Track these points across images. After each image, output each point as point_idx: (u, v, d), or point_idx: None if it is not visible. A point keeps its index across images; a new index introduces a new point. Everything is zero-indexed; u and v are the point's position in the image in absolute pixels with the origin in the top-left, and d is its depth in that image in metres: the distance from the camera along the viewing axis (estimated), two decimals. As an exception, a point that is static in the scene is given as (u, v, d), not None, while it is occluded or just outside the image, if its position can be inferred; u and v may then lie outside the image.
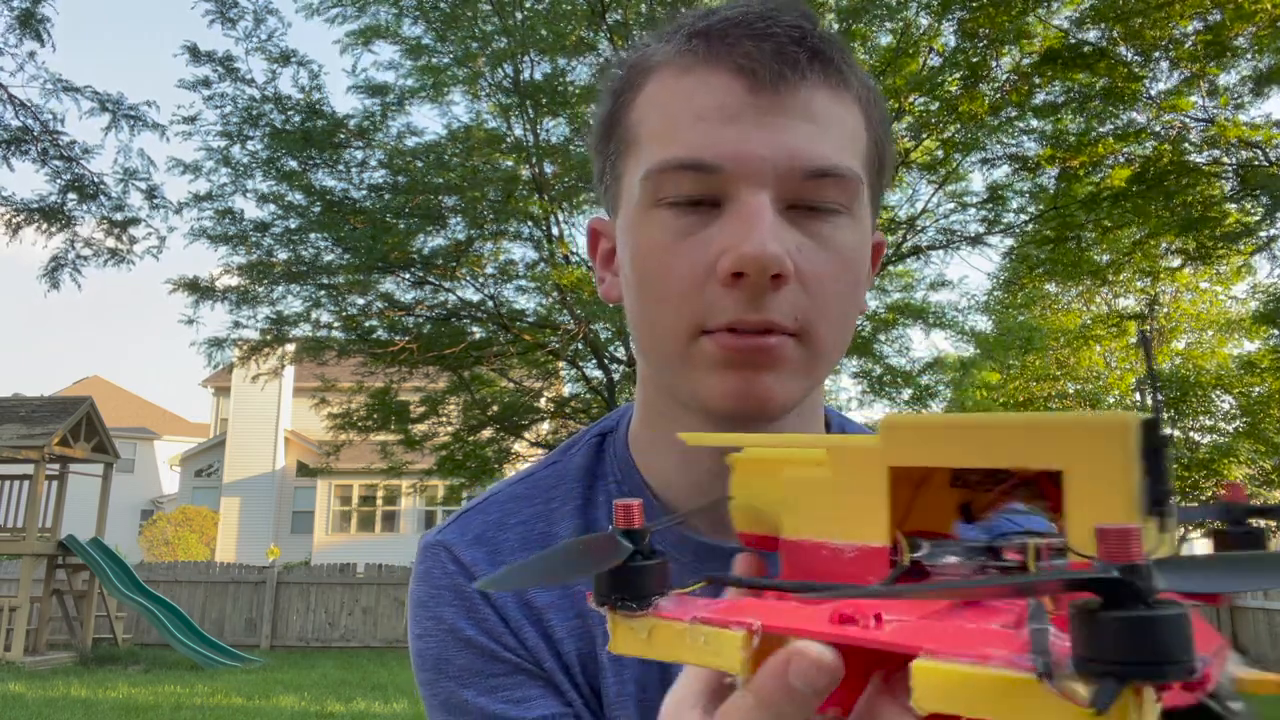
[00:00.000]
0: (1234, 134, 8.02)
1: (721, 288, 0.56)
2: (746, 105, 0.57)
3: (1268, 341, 14.87)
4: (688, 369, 0.59)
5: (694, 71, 0.59)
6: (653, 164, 0.59)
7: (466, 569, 0.68)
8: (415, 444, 10.43)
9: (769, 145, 0.56)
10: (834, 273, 0.58)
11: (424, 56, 9.06)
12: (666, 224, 0.59)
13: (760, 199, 0.56)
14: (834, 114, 0.59)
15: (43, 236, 8.03)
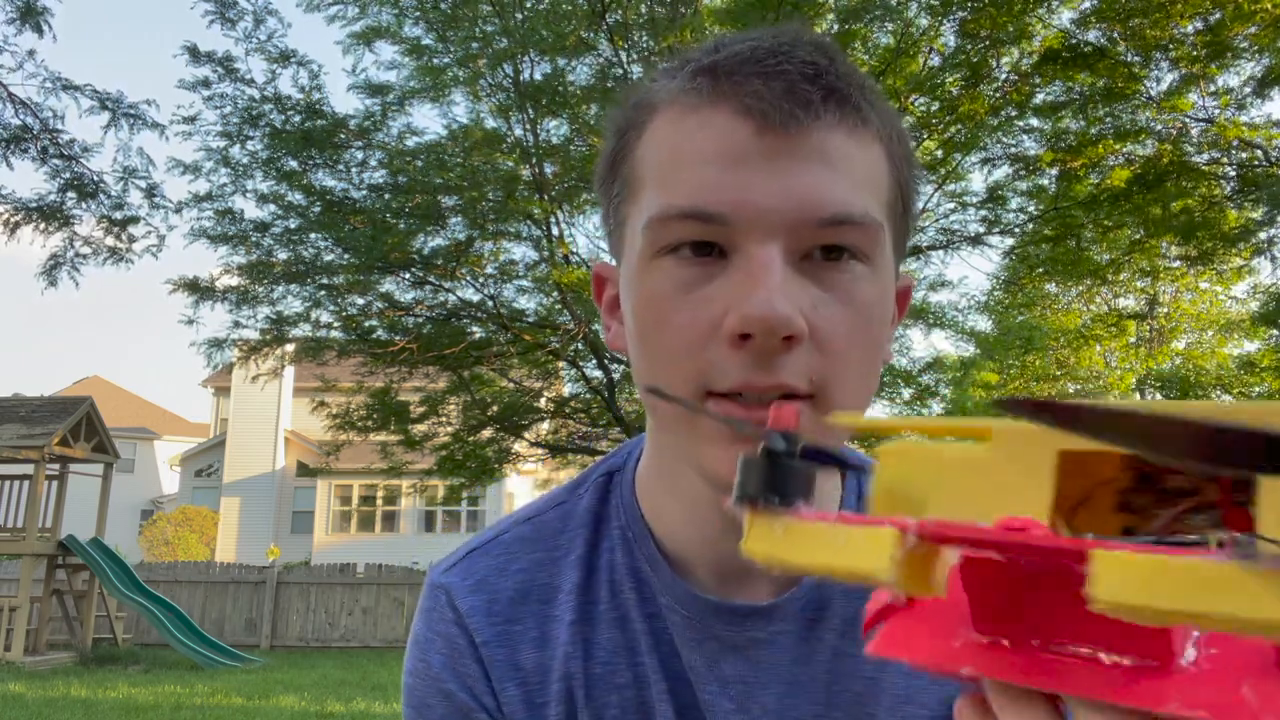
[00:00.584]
0: (1234, 134, 8.02)
1: (728, 348, 0.52)
2: (753, 149, 0.53)
3: (1268, 342, 14.88)
4: (692, 435, 0.55)
5: (699, 112, 0.55)
6: (654, 212, 0.55)
7: (461, 617, 0.68)
8: (415, 444, 10.42)
9: (778, 193, 0.52)
10: (852, 329, 0.54)
11: (424, 57, 9.07)
12: (669, 276, 0.55)
13: (769, 251, 0.52)
14: (851, 155, 0.54)
15: (41, 236, 8.02)
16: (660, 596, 0.64)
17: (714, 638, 0.63)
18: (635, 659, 0.64)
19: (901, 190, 0.59)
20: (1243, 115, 8.22)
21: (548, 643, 0.66)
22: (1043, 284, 12.79)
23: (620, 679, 0.64)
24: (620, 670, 0.64)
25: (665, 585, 0.64)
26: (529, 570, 0.69)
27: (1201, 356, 16.96)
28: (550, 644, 0.66)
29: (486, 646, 0.66)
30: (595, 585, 0.67)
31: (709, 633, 0.63)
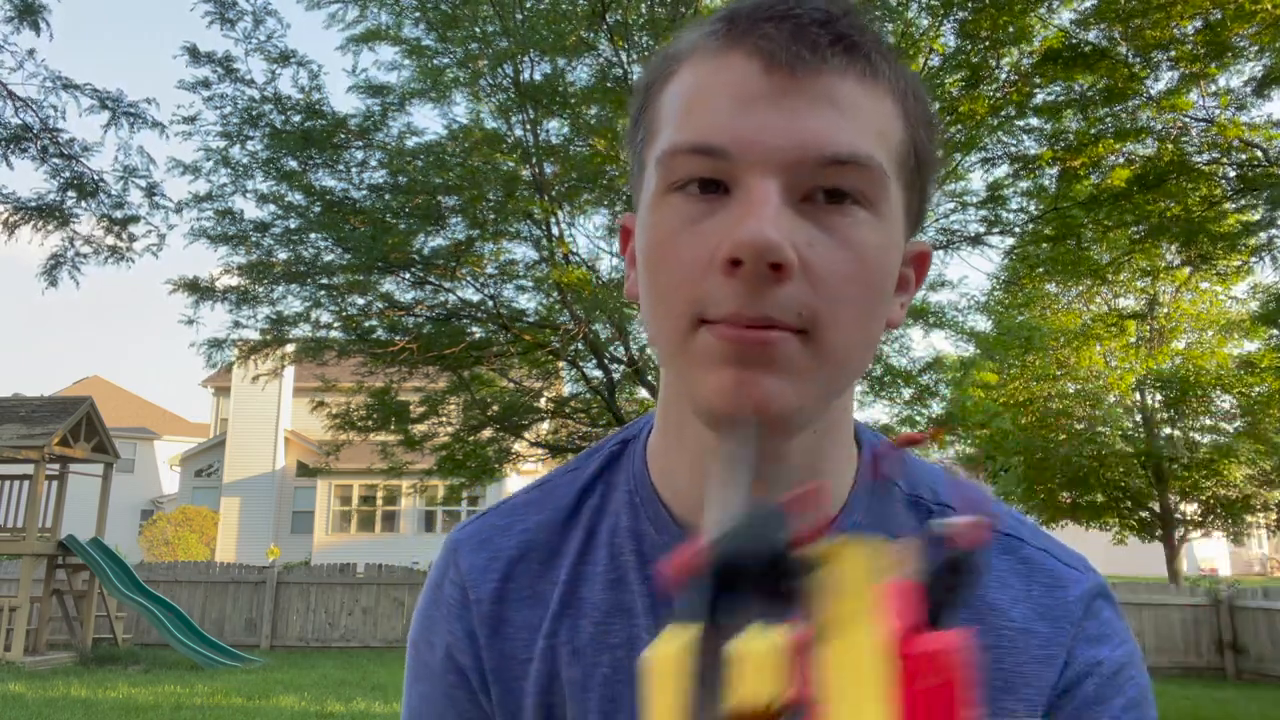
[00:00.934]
0: (1234, 134, 8.02)
1: (722, 276, 0.52)
2: (761, 88, 0.54)
3: (1268, 342, 14.88)
4: (687, 363, 0.56)
5: (716, 57, 0.56)
6: (664, 147, 0.56)
7: (462, 575, 0.69)
8: (415, 444, 10.43)
9: (781, 130, 0.53)
10: (849, 271, 0.53)
11: (424, 58, 9.07)
12: (676, 211, 0.56)
13: (767, 186, 0.52)
14: (860, 103, 0.54)
15: (41, 235, 8.01)
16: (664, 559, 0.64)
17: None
18: (631, 620, 0.64)
19: (915, 148, 0.58)
20: (1242, 115, 8.22)
21: (539, 601, 0.67)
22: (1043, 284, 12.79)
23: (614, 639, 0.64)
24: (614, 631, 0.64)
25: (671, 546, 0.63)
26: (532, 531, 0.69)
27: (1201, 356, 16.94)
28: (541, 602, 0.66)
29: (479, 604, 0.67)
30: (594, 547, 0.67)
31: None
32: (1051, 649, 0.59)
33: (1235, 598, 12.54)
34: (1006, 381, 15.63)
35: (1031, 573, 0.62)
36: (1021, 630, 0.59)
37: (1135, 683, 0.59)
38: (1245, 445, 15.38)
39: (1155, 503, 16.41)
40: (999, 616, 0.60)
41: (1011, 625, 0.60)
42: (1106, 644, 0.60)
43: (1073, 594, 0.61)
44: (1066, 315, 16.64)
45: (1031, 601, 0.60)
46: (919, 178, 0.60)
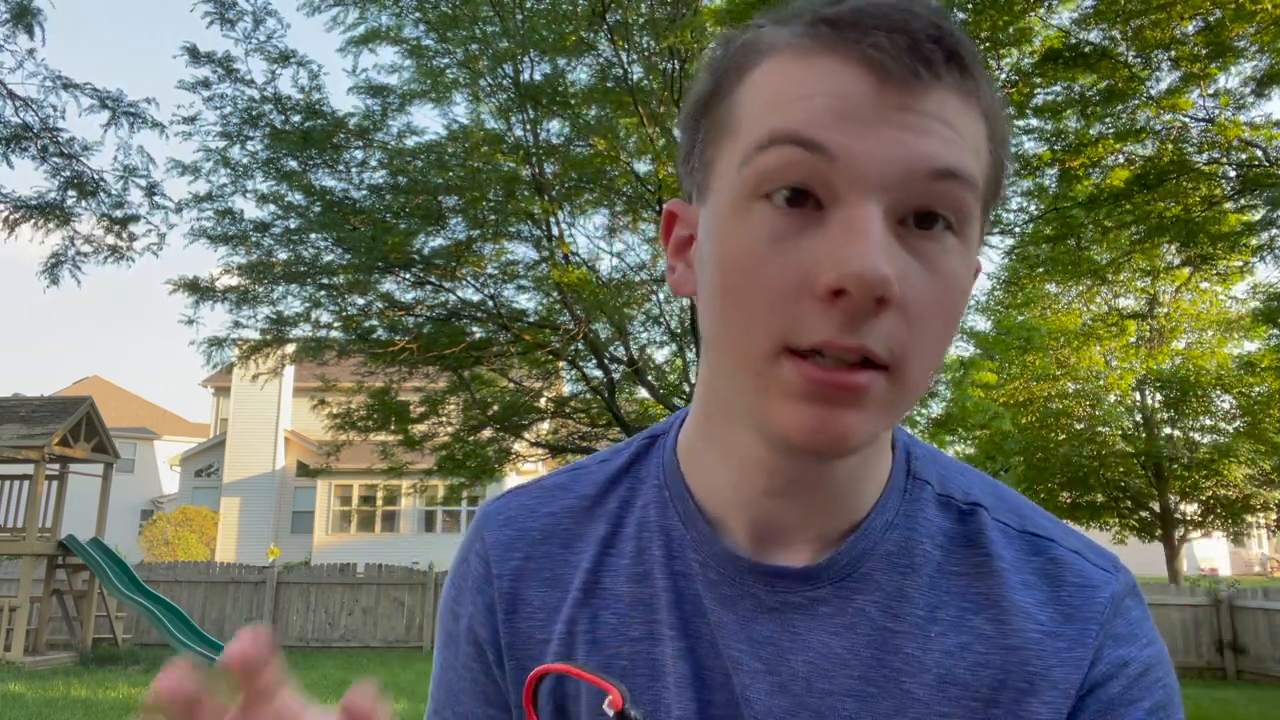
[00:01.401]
0: (1234, 134, 8.02)
1: (818, 304, 0.50)
2: (872, 100, 0.51)
3: (1269, 341, 14.88)
4: (763, 391, 0.53)
5: (815, 57, 0.52)
6: (757, 134, 0.52)
7: (486, 549, 0.70)
8: (415, 444, 10.43)
9: (890, 144, 0.50)
10: (937, 303, 0.52)
11: (424, 58, 9.07)
12: (762, 223, 0.52)
13: (871, 209, 0.50)
14: (964, 122, 0.53)
15: (41, 234, 8.02)
16: (691, 555, 0.64)
17: (749, 595, 0.62)
18: (652, 615, 0.64)
19: (996, 171, 0.57)
20: (1242, 115, 8.22)
21: (558, 584, 0.67)
22: (1043, 284, 12.79)
23: (634, 632, 0.64)
24: (635, 624, 0.64)
25: (699, 542, 0.64)
26: (558, 515, 0.70)
27: (1201, 356, 16.94)
28: (560, 585, 0.67)
29: (500, 580, 0.68)
30: (620, 539, 0.67)
31: (743, 590, 0.62)
32: (1078, 651, 0.58)
33: (1235, 598, 12.55)
34: (1006, 381, 15.63)
35: (1061, 574, 0.61)
36: (1049, 633, 0.59)
37: (1163, 685, 0.59)
38: (1245, 445, 15.38)
39: (1155, 503, 16.42)
40: (1024, 619, 0.59)
41: (1039, 627, 0.59)
42: (1134, 643, 0.59)
43: (1102, 595, 0.60)
44: (1066, 315, 16.65)
45: (1060, 603, 0.60)
46: (995, 197, 0.58)
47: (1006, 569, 0.60)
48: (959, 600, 0.60)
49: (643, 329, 10.42)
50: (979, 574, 0.61)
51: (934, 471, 0.65)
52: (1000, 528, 0.62)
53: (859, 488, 0.61)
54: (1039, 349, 12.96)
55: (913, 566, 0.61)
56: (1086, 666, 0.58)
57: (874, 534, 0.61)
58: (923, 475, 0.64)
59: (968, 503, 0.63)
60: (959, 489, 0.64)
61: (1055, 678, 0.57)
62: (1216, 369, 16.39)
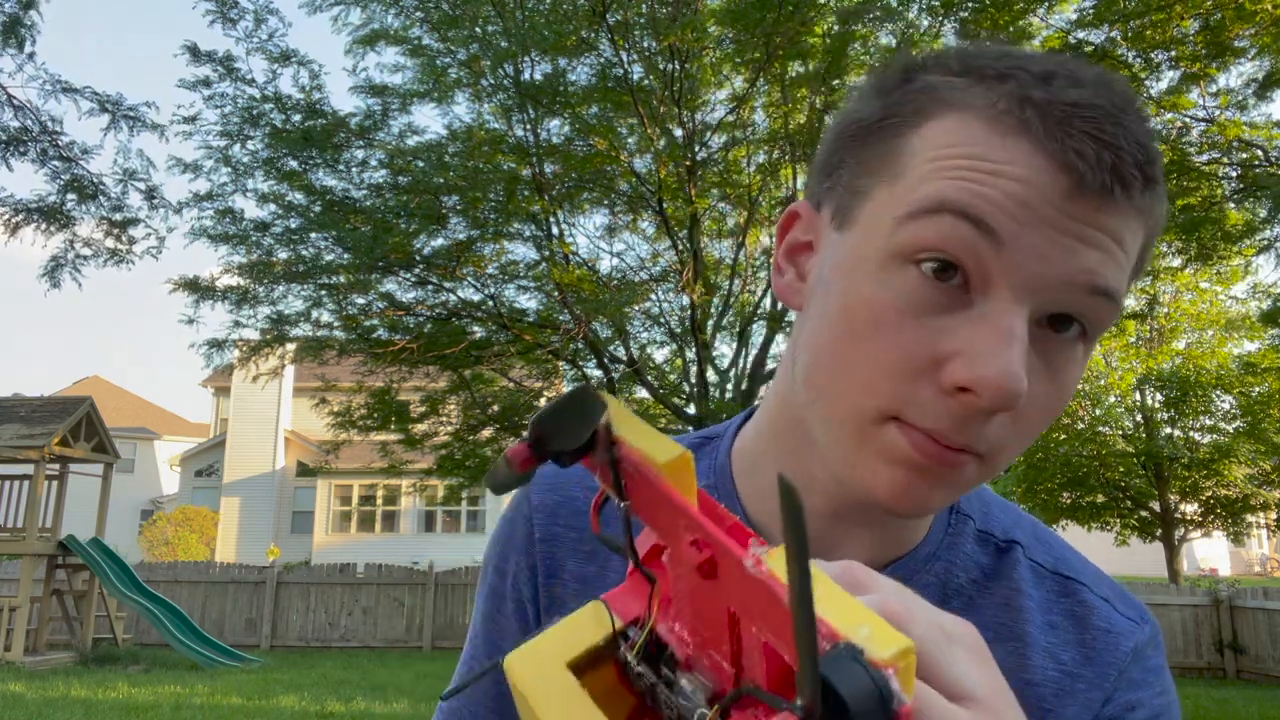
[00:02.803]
0: (1234, 134, 8.02)
1: (939, 391, 0.50)
2: (1059, 204, 0.48)
3: (1269, 341, 14.88)
4: (859, 449, 0.53)
5: (1011, 136, 0.49)
6: (920, 200, 0.50)
7: (531, 510, 0.71)
8: (415, 444, 10.43)
9: (1062, 253, 0.49)
10: (1050, 406, 0.52)
11: (425, 58, 9.07)
12: (906, 288, 0.50)
13: (1019, 313, 0.49)
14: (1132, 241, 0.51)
15: (42, 236, 8.02)
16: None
17: None
18: None
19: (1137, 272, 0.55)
20: (1243, 115, 8.22)
21: (593, 558, 0.68)
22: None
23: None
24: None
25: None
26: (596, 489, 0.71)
27: (1201, 356, 16.94)
28: (595, 560, 0.67)
29: (543, 543, 0.69)
30: None
31: None
32: (1094, 693, 0.59)
33: (1235, 598, 12.55)
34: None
35: (1088, 618, 0.62)
36: (1068, 673, 0.60)
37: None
38: (1245, 445, 15.38)
39: (1155, 503, 16.41)
40: (1045, 657, 0.60)
41: (1059, 667, 0.60)
42: (1147, 689, 0.60)
43: (1126, 644, 0.61)
44: (1066, 315, 16.62)
45: (1083, 646, 0.61)
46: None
47: (1033, 607, 0.61)
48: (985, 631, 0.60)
49: (643, 329, 10.42)
50: (1006, 608, 0.61)
51: (977, 507, 0.66)
52: (1033, 567, 0.63)
53: (912, 525, 0.62)
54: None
55: (945, 598, 0.61)
56: (1098, 706, 0.59)
57: (916, 564, 0.62)
58: (966, 510, 0.65)
59: (1006, 540, 0.64)
60: (999, 526, 0.65)
61: (1067, 716, 0.58)
62: (1216, 369, 16.38)
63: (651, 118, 8.57)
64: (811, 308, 0.57)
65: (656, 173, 8.77)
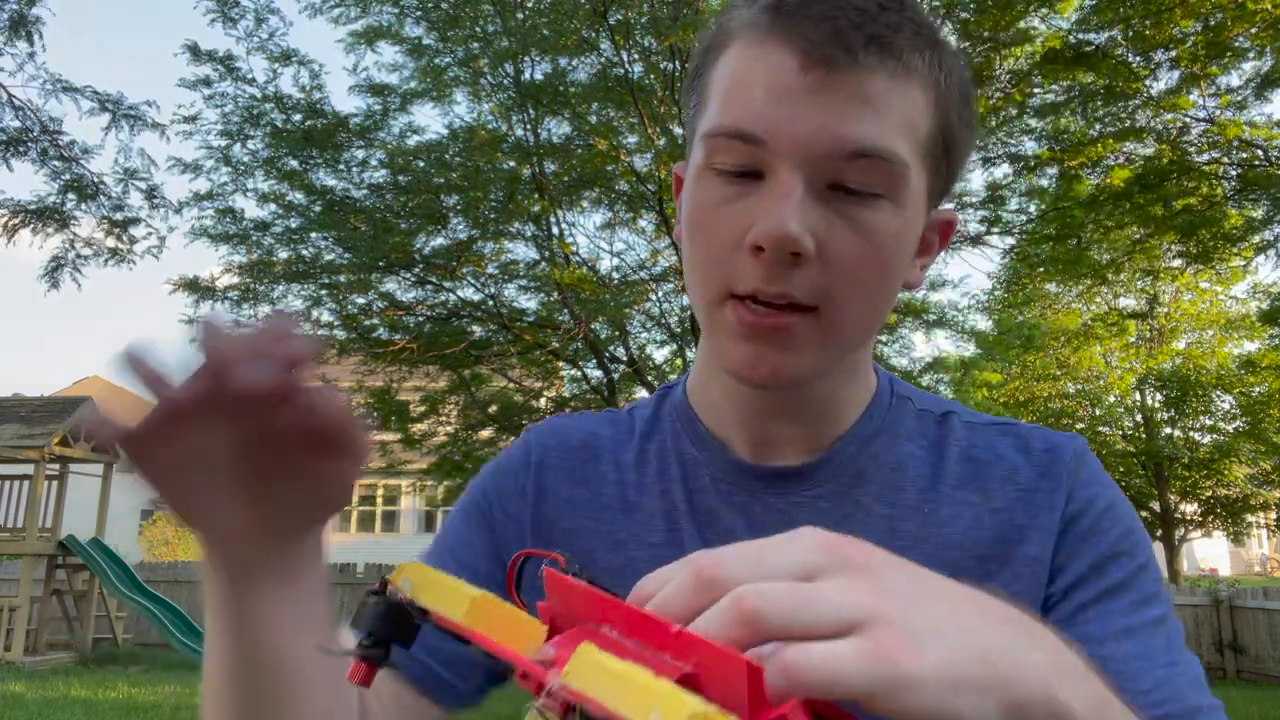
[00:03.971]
0: (1234, 133, 8.02)
1: (748, 257, 0.60)
2: (796, 84, 0.58)
3: (1269, 341, 14.88)
4: (715, 330, 0.64)
5: (759, 45, 0.61)
6: (708, 128, 0.62)
7: (529, 446, 0.78)
8: (415, 443, 10.42)
9: (810, 125, 0.58)
10: (862, 255, 0.60)
11: (425, 57, 9.06)
12: (714, 189, 0.62)
13: (794, 178, 0.58)
14: (889, 99, 0.59)
15: (41, 238, 8.02)
16: (703, 472, 0.73)
17: (757, 500, 0.70)
18: (673, 524, 0.72)
19: (944, 133, 0.64)
20: (1243, 115, 8.21)
21: (585, 484, 0.75)
22: (1043, 284, 12.79)
23: (655, 539, 0.72)
24: (656, 531, 0.72)
25: (711, 460, 0.73)
26: (595, 435, 0.78)
27: (1201, 356, 16.94)
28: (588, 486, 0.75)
29: (538, 467, 0.76)
30: (645, 462, 0.75)
31: (752, 495, 0.71)
32: (1055, 496, 0.67)
33: (1235, 598, 12.55)
34: (1007, 381, 15.63)
35: (1029, 444, 0.71)
36: (1029, 490, 0.68)
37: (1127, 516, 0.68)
38: (1245, 445, 15.38)
39: (1155, 503, 16.41)
40: (1004, 484, 0.69)
41: (1018, 488, 0.69)
42: (1097, 485, 0.68)
43: (1067, 453, 0.69)
44: (1066, 315, 16.64)
45: (1034, 466, 0.69)
46: (948, 157, 0.65)
47: (981, 450, 0.71)
48: (946, 481, 0.70)
49: (642, 329, 10.42)
50: (960, 459, 0.71)
51: (914, 393, 0.76)
52: (969, 424, 0.73)
53: (839, 404, 0.71)
54: (1039, 349, 12.96)
55: (901, 463, 0.70)
56: (1062, 506, 0.67)
57: (861, 437, 0.71)
58: (904, 394, 0.75)
59: (942, 411, 0.74)
60: (934, 403, 0.75)
61: (1039, 522, 0.67)
62: (1216, 369, 16.39)
63: (652, 117, 8.57)
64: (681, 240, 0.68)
65: (656, 172, 8.76)
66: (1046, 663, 0.37)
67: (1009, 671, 0.35)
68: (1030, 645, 0.37)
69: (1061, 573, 0.65)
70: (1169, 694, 0.59)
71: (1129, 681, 0.58)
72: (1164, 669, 0.60)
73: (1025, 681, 0.35)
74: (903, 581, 0.37)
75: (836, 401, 0.71)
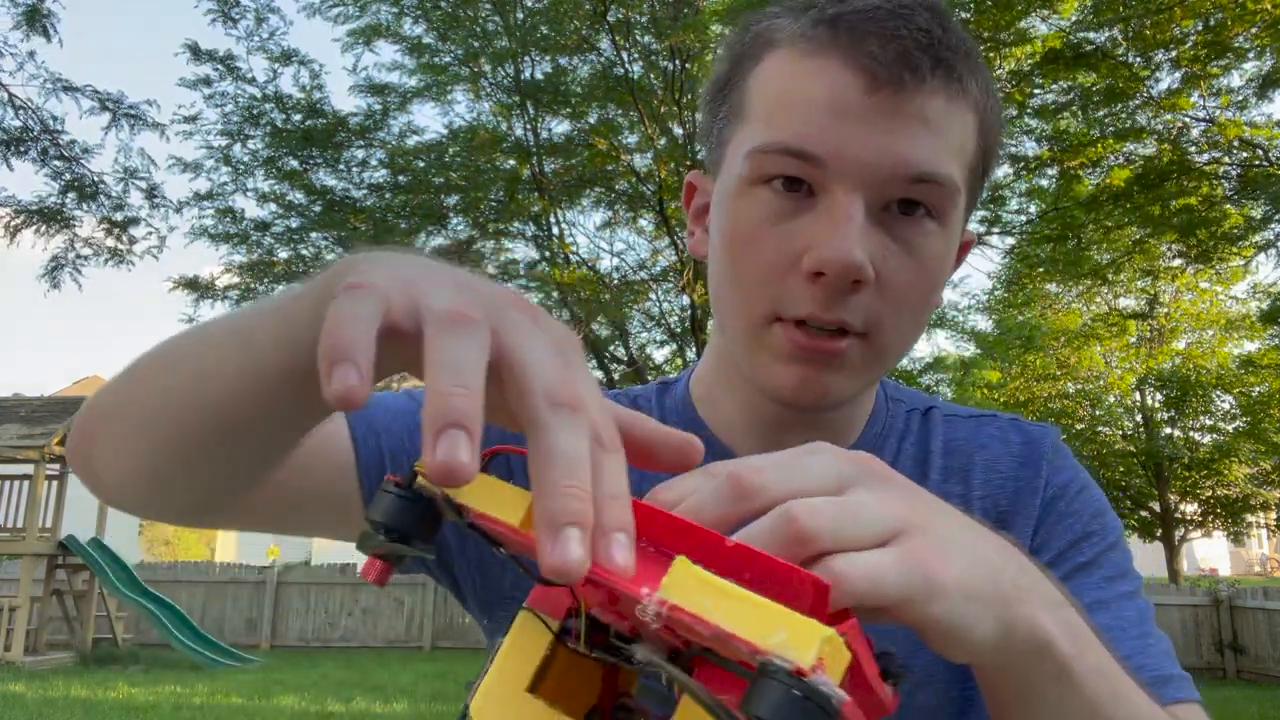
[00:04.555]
0: (1234, 133, 8.02)
1: (803, 281, 0.59)
2: (861, 104, 0.57)
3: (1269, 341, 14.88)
4: (757, 351, 0.63)
5: (815, 58, 0.59)
6: (758, 143, 0.60)
7: None
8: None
9: (876, 147, 0.57)
10: (914, 280, 0.60)
11: (425, 55, 9.05)
12: (762, 205, 0.60)
13: (854, 200, 0.57)
14: (948, 121, 0.59)
15: (41, 239, 8.02)
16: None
17: None
18: None
19: (984, 157, 0.64)
20: (1243, 115, 8.21)
21: None
22: (1043, 284, 12.78)
23: None
24: None
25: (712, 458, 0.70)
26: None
27: (1202, 356, 16.94)
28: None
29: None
30: None
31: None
32: (1035, 482, 0.71)
33: (1235, 598, 12.54)
34: (1007, 381, 15.62)
35: (1008, 433, 0.74)
36: (1011, 477, 0.72)
37: (1097, 497, 0.72)
38: (1245, 445, 15.37)
39: (1155, 503, 16.41)
40: (988, 472, 0.72)
41: (1001, 476, 0.72)
42: (1069, 471, 0.72)
43: (1045, 443, 0.73)
44: (1066, 315, 16.63)
45: (1013, 456, 0.73)
46: (983, 178, 0.66)
47: (962, 441, 0.74)
48: (934, 476, 0.72)
49: (643, 329, 10.42)
50: (943, 452, 0.73)
51: (902, 393, 0.79)
52: (950, 418, 0.76)
53: (855, 417, 0.73)
54: (1039, 349, 12.96)
55: (897, 464, 0.72)
56: (1041, 490, 0.71)
57: (866, 444, 0.72)
58: (895, 396, 0.78)
59: (926, 407, 0.77)
60: (919, 401, 0.78)
61: (1022, 508, 0.70)
62: (1216, 369, 16.38)
63: (652, 117, 8.56)
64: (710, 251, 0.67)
65: (656, 172, 8.76)
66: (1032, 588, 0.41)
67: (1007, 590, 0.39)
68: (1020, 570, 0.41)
69: (1041, 550, 0.69)
70: (1142, 662, 0.61)
71: None
72: (1136, 639, 0.62)
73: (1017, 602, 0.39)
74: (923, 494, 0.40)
75: (853, 414, 0.72)
